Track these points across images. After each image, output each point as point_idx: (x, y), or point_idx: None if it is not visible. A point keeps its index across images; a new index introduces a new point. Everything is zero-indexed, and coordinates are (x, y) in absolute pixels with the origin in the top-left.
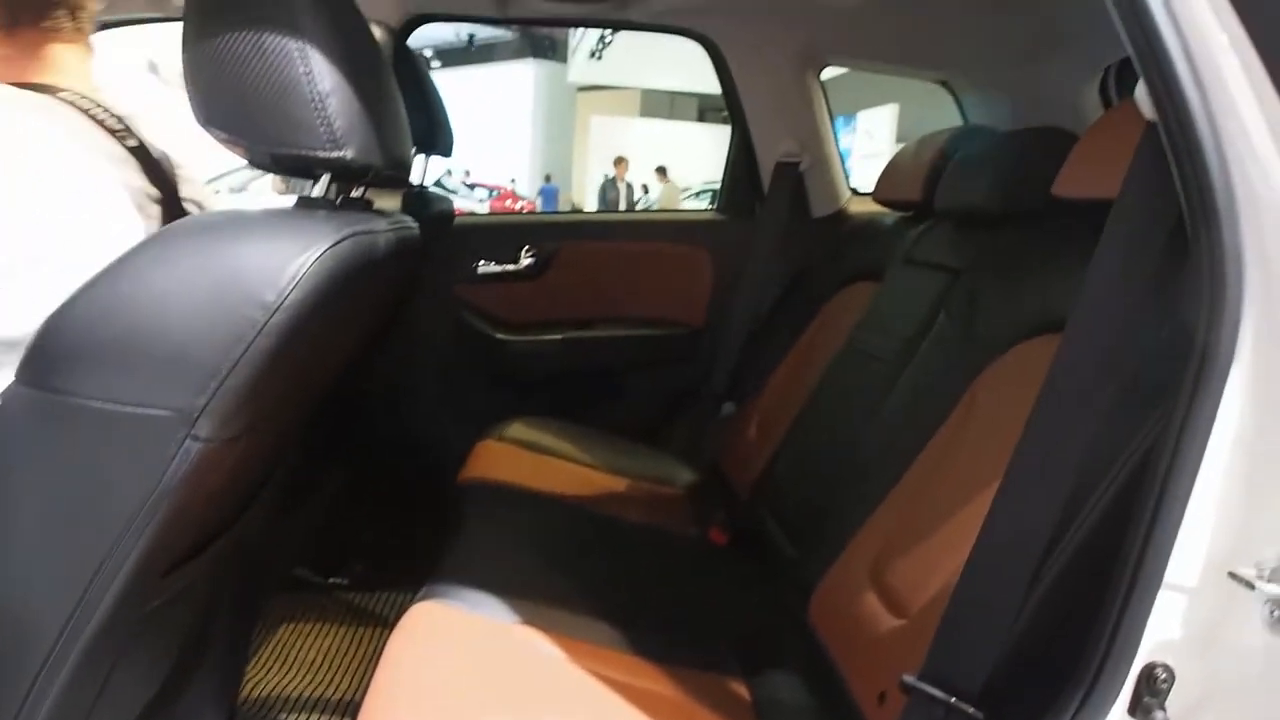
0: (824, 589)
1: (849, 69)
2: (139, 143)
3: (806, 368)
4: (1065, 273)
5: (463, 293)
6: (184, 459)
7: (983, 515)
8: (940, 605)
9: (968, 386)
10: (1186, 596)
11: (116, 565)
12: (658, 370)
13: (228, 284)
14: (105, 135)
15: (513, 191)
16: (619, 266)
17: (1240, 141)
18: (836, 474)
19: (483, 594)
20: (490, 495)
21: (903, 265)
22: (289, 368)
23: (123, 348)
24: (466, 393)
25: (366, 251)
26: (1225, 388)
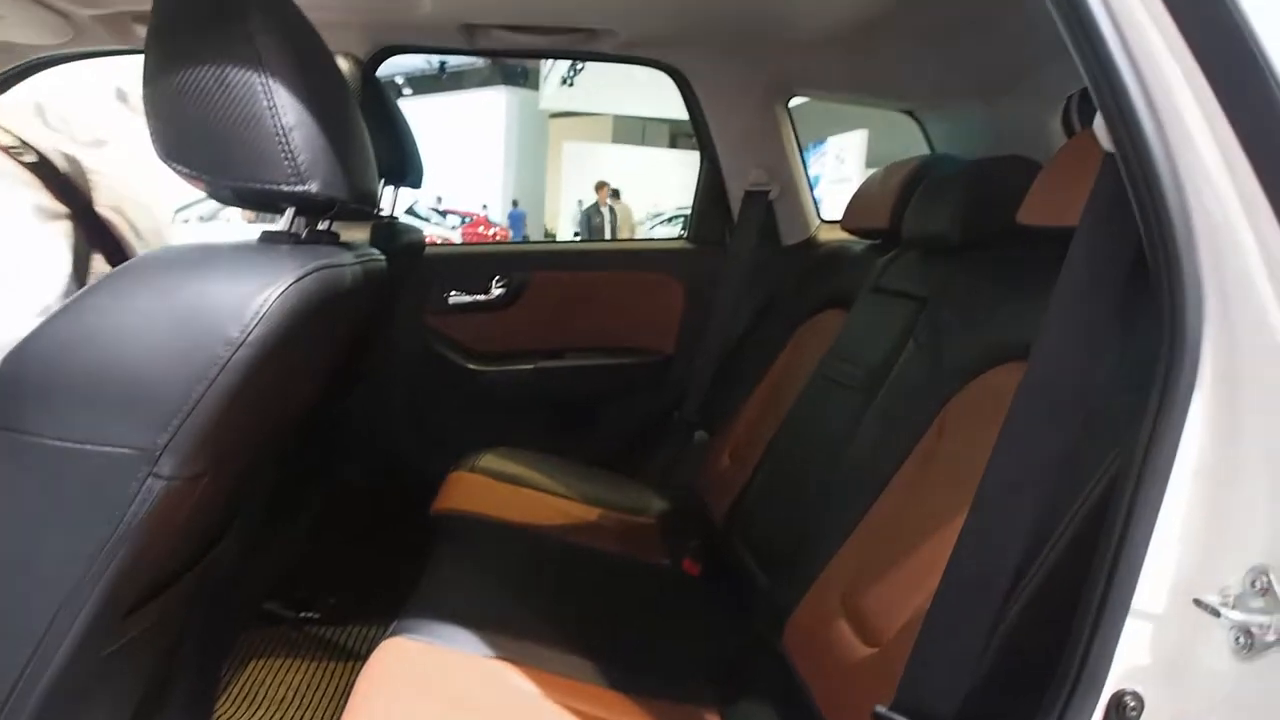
0: (797, 618)
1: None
2: (38, 157)
3: (778, 396)
4: (1030, 300)
5: (434, 323)
6: (146, 497)
7: (952, 541)
8: (912, 634)
9: (936, 414)
10: (1154, 624)
11: (76, 606)
12: (630, 399)
13: (191, 320)
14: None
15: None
16: (590, 296)
17: (1196, 172)
18: (809, 502)
19: (454, 628)
20: (463, 527)
21: (871, 293)
22: (254, 404)
23: (82, 385)
24: (439, 423)
25: (332, 285)
26: (1187, 416)
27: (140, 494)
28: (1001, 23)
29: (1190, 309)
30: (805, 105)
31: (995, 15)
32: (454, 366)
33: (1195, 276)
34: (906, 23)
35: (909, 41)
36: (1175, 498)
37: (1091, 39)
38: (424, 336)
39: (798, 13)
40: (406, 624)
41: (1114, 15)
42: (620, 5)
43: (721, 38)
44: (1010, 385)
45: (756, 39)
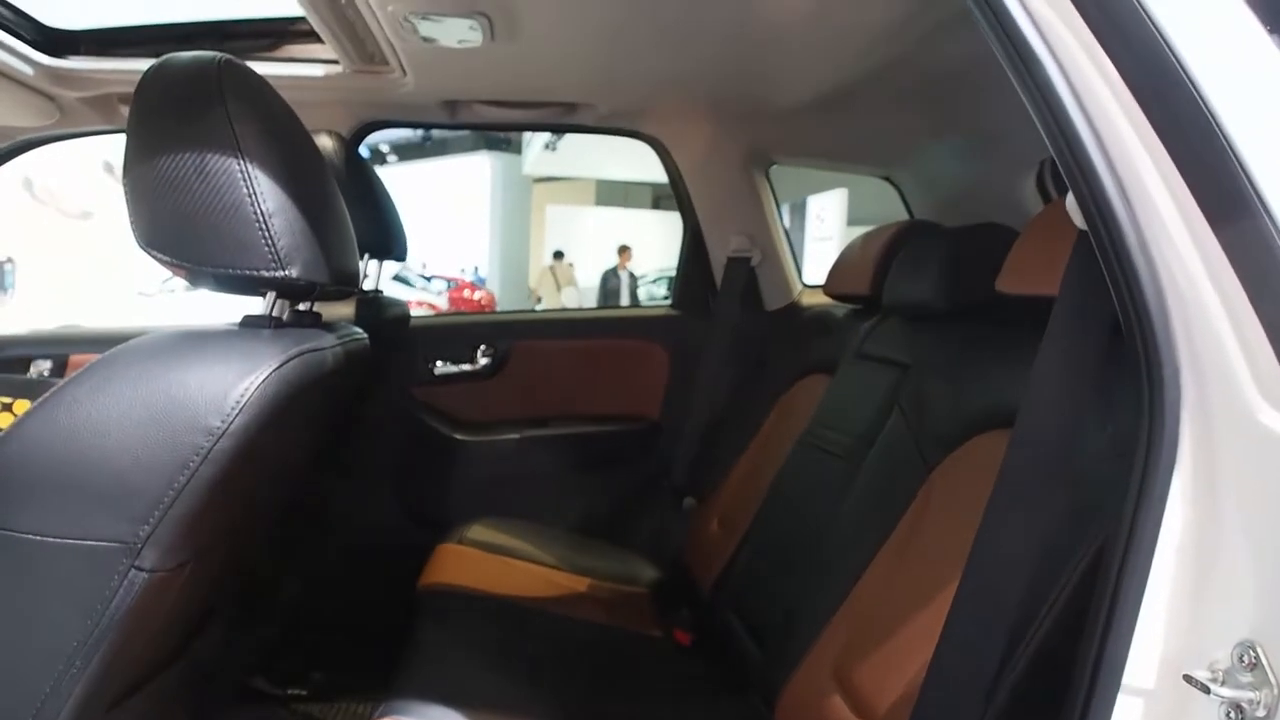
0: (790, 692)
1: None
2: None
3: (765, 462)
4: (1013, 367)
5: (419, 394)
6: (128, 590)
7: (943, 612)
8: (906, 707)
9: (923, 481)
10: (1145, 700)
11: (59, 701)
12: (617, 466)
13: (170, 411)
14: None
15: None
16: (575, 363)
17: (1167, 251)
18: (798, 571)
19: (442, 709)
20: (451, 601)
21: (854, 359)
22: (236, 491)
23: (62, 479)
24: (425, 495)
25: (314, 369)
26: (1169, 491)
27: (123, 587)
28: (976, 89)
29: (1168, 385)
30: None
31: (970, 82)
32: (440, 436)
33: (1171, 351)
34: (883, 90)
35: (885, 108)
36: (1161, 573)
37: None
38: (410, 407)
39: (775, 83)
40: (395, 705)
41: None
42: (599, 80)
43: (700, 108)
44: (996, 452)
45: (735, 109)
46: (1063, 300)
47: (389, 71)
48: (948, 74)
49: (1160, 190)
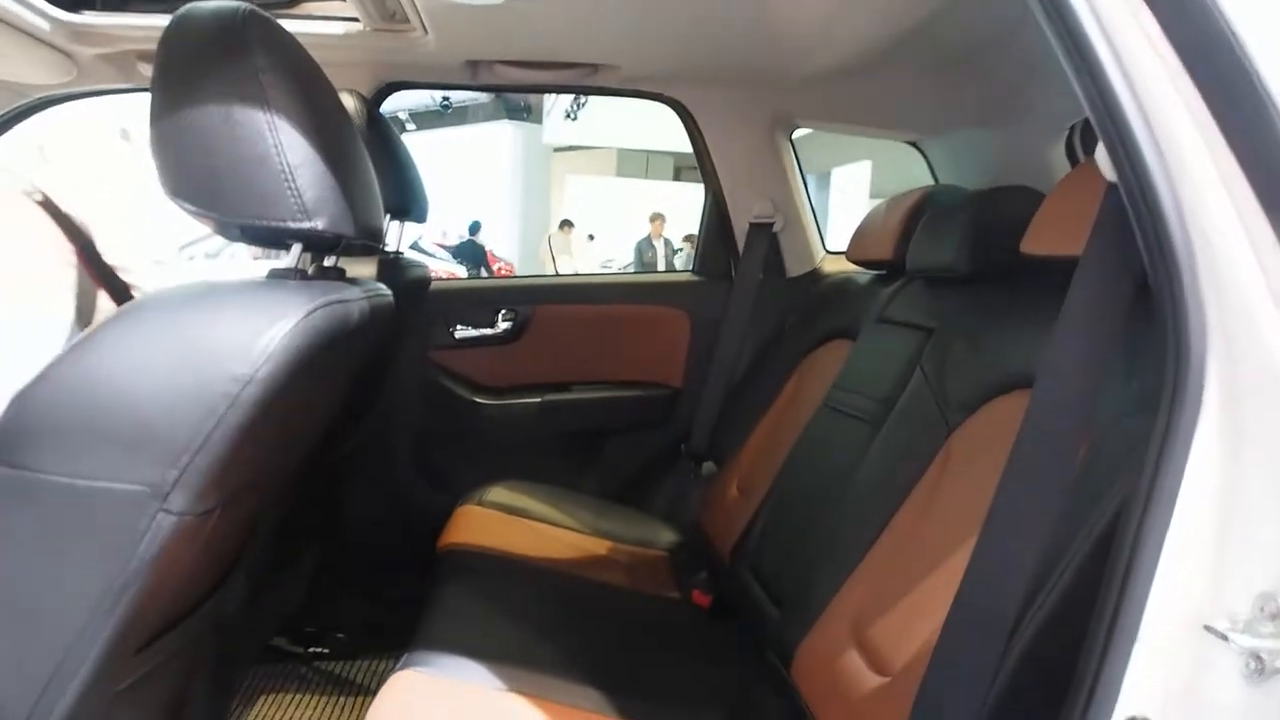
0: (806, 649)
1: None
2: (44, 198)
3: (785, 427)
4: (1035, 329)
5: (439, 358)
6: (156, 533)
7: (961, 570)
8: (922, 663)
9: (943, 443)
10: (1163, 650)
11: (88, 643)
12: (637, 431)
13: (199, 357)
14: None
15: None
16: (596, 329)
17: (1197, 200)
18: (816, 533)
19: (464, 660)
20: (471, 561)
21: (876, 324)
22: (262, 439)
23: (92, 423)
24: (445, 458)
25: (340, 321)
26: (1193, 442)
27: (151, 530)
28: (1004, 53)
29: (1194, 335)
30: (808, 137)
31: (997, 46)
32: (460, 400)
33: (1198, 302)
34: (908, 54)
35: (911, 73)
36: (1182, 523)
37: (1092, 69)
38: (430, 371)
39: (800, 46)
40: (416, 657)
41: (1114, 46)
42: (623, 40)
43: (724, 71)
44: (1016, 414)
45: (759, 72)
46: (1087, 257)
47: (410, 30)
48: (976, 38)
49: (1194, 139)
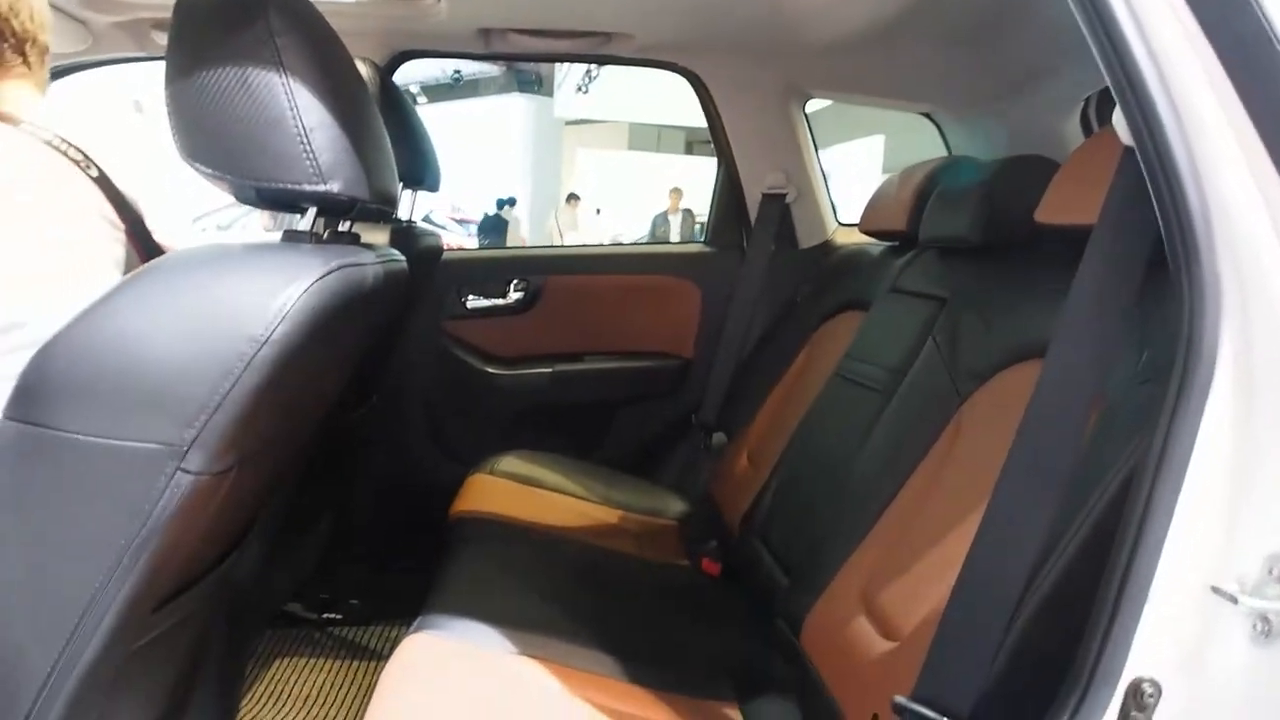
0: (815, 616)
1: (833, 102)
2: (100, 173)
3: (795, 397)
4: (1047, 299)
5: (451, 328)
6: (174, 492)
7: (970, 537)
8: (931, 627)
9: (954, 413)
10: (1171, 612)
11: (107, 600)
12: (648, 402)
13: (215, 318)
14: (69, 164)
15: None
16: (608, 299)
17: (1214, 164)
18: (826, 502)
19: (476, 624)
20: (482, 528)
21: (889, 294)
22: (278, 401)
23: (110, 381)
24: (457, 428)
25: (355, 284)
26: (1205, 407)
27: (168, 489)
28: (1019, 25)
29: (1209, 300)
30: (821, 111)
31: (1012, 17)
32: (471, 370)
33: (1213, 268)
34: (923, 25)
35: (926, 43)
36: (1193, 487)
37: (1110, 32)
38: (441, 341)
39: (814, 16)
40: (429, 621)
41: (1134, 9)
42: (636, 9)
43: (737, 41)
44: (1027, 384)
45: (773, 42)
46: (1102, 225)
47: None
48: (991, 8)
49: (1210, 103)
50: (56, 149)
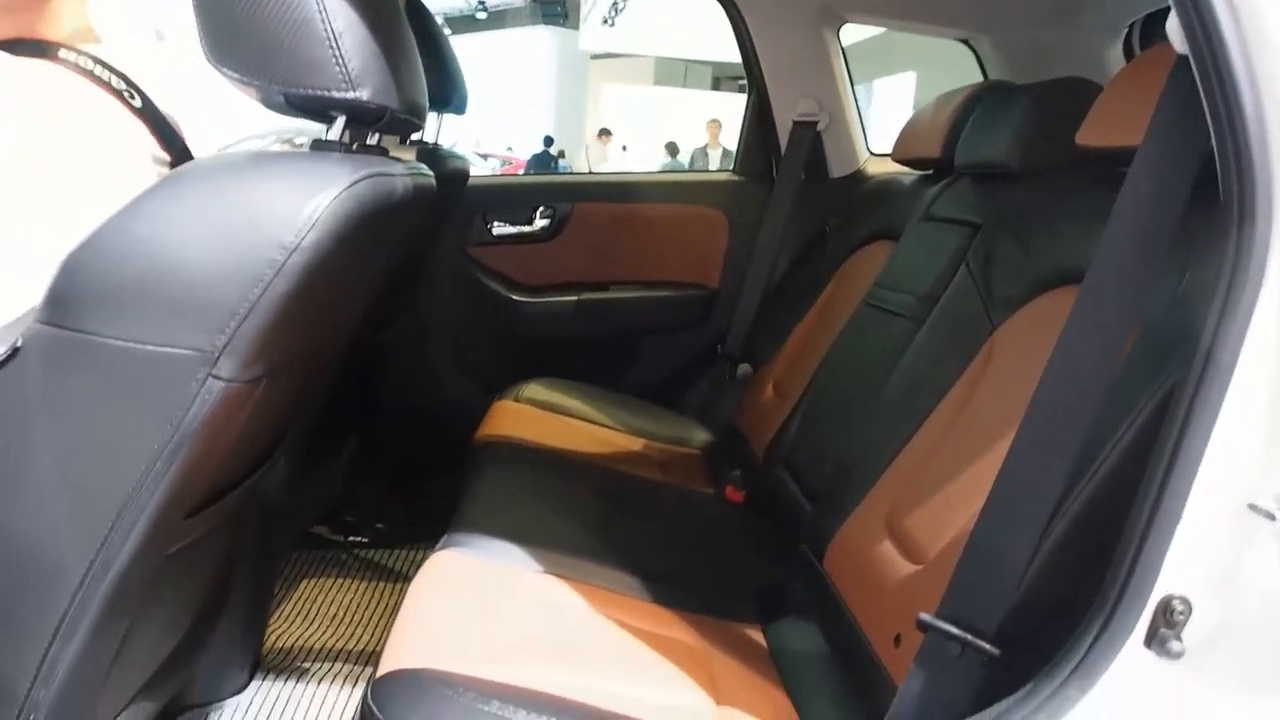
0: (840, 540)
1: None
2: (143, 103)
3: (823, 328)
4: (1086, 225)
5: (477, 254)
6: (205, 399)
7: (999, 462)
8: (957, 550)
9: (986, 339)
10: (1206, 529)
11: (140, 505)
12: (673, 332)
13: (245, 224)
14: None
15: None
16: (634, 228)
17: (1273, 72)
18: (853, 429)
19: (501, 543)
20: (507, 452)
21: (921, 223)
22: (308, 310)
23: (141, 286)
24: (481, 355)
25: (384, 194)
26: (1251, 322)
27: (200, 395)
28: None
29: (1259, 213)
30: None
31: None
32: (497, 297)
33: (1266, 176)
34: None
35: None
36: (1235, 404)
37: None
38: (467, 267)
39: None
40: (455, 539)
41: None
42: None
43: None
44: (1062, 310)
45: None
46: (1148, 144)
47: None
48: None
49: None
50: (98, 80)
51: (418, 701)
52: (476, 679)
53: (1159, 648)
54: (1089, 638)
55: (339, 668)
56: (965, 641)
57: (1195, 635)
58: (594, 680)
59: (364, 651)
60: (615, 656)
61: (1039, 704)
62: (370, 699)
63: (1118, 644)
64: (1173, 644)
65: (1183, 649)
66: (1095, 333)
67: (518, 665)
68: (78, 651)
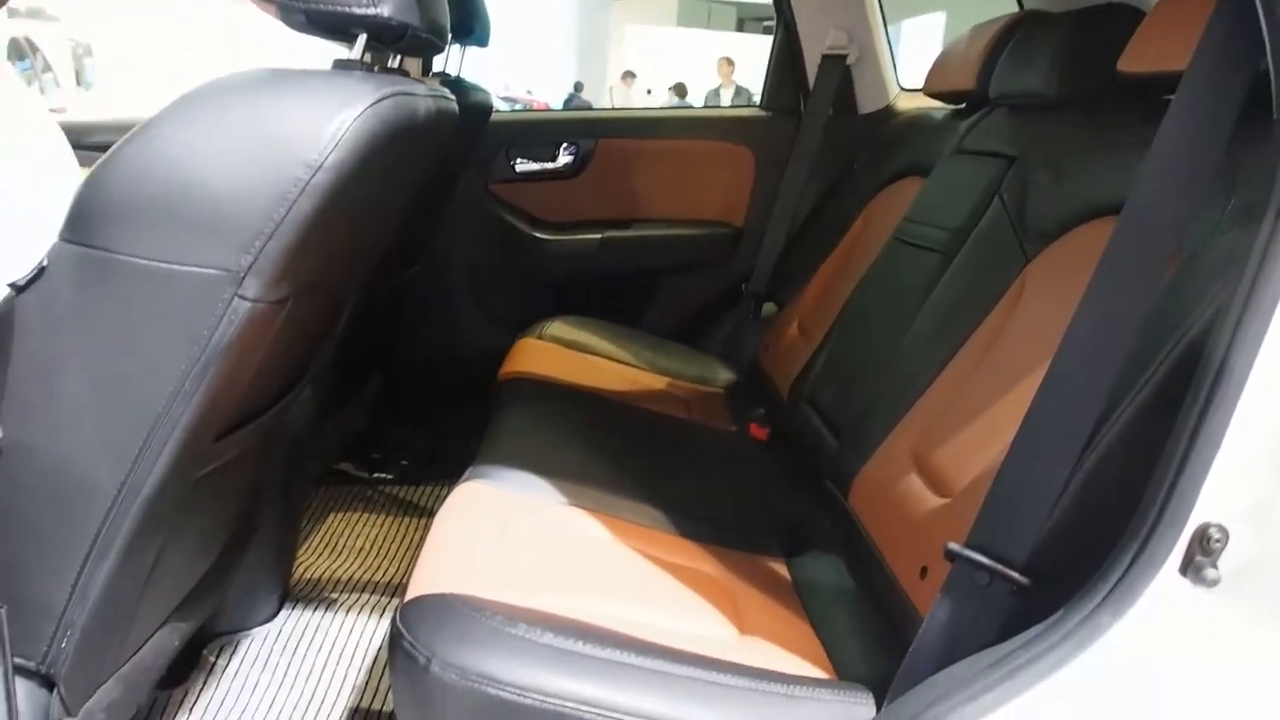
0: (865, 475)
1: None
2: None
3: (850, 265)
4: (1125, 155)
5: (499, 191)
6: (232, 319)
7: (1030, 395)
8: (986, 483)
9: (1020, 271)
10: (1246, 458)
11: (170, 425)
12: (697, 271)
13: (269, 142)
14: None
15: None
16: (659, 164)
17: None
18: (880, 364)
19: (527, 475)
20: (530, 389)
21: (953, 155)
22: (332, 231)
23: (164, 204)
24: (504, 292)
25: (407, 115)
26: None
27: (226, 315)
28: None
29: None
30: None
31: None
32: (520, 235)
33: None
34: None
35: None
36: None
37: None
38: (489, 204)
39: None
40: (480, 470)
41: None
42: None
43: None
44: (1099, 242)
45: None
46: (1195, 66)
47: None
48: None
49: None
50: None
51: (446, 624)
52: (503, 603)
53: (1194, 575)
54: (1122, 565)
55: (366, 599)
56: (994, 571)
57: (1231, 564)
58: (618, 608)
59: (390, 583)
60: (639, 586)
61: (1069, 630)
62: (399, 621)
63: (1152, 571)
64: (1208, 571)
65: (1218, 577)
66: (1134, 262)
67: (544, 592)
68: (111, 570)
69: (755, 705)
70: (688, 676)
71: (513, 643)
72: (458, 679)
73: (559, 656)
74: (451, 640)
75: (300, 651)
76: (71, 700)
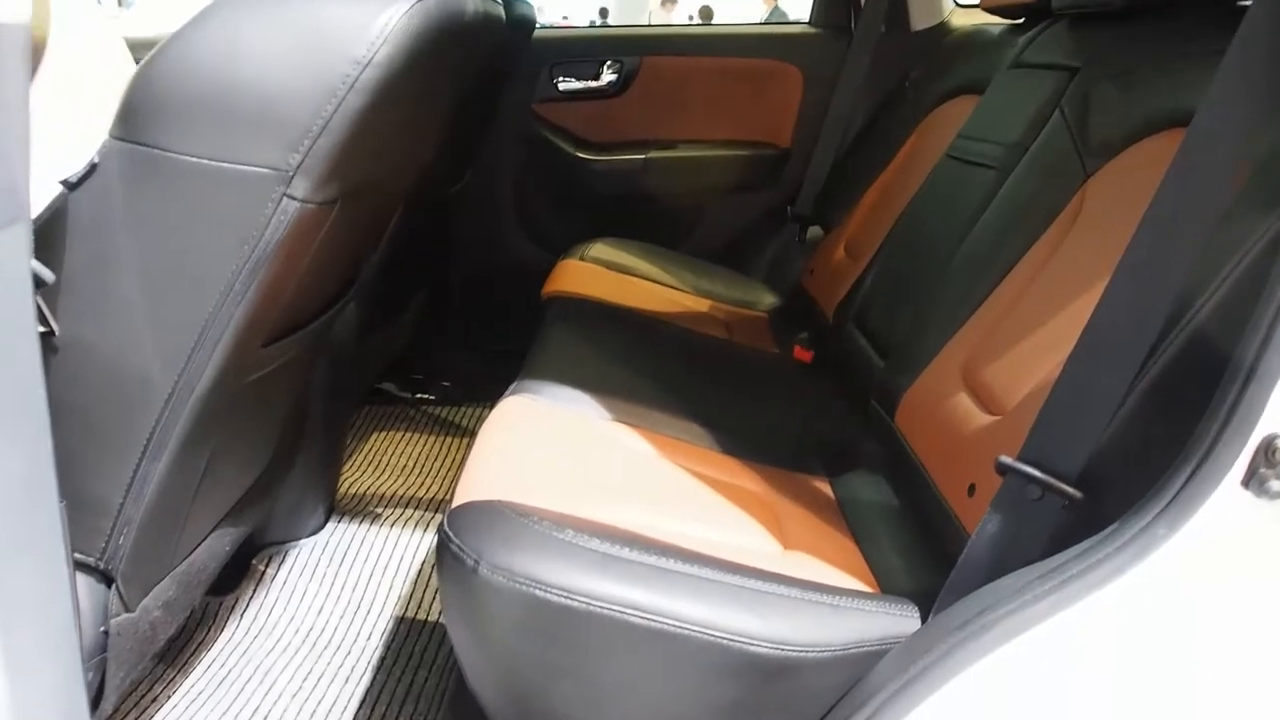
0: (913, 394)
1: None
2: None
3: (901, 185)
4: (1196, 62)
5: (542, 110)
6: (281, 219)
7: (1088, 312)
8: (1038, 399)
9: (1078, 188)
10: None
11: (221, 325)
12: (743, 193)
13: (316, 39)
14: None
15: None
16: (704, 83)
17: None
18: (930, 283)
19: (571, 391)
20: (573, 309)
21: (1011, 70)
22: (380, 131)
23: (215, 102)
24: (547, 213)
25: (454, 13)
26: None
27: (276, 215)
28: None
29: None
30: None
31: None
32: (562, 155)
33: None
34: None
35: None
36: None
37: None
38: (532, 124)
39: None
40: (525, 385)
41: None
42: None
43: None
44: (1165, 155)
45: None
46: None
47: None
48: None
49: None
50: None
51: (493, 528)
52: (549, 510)
53: (1257, 487)
54: (1182, 476)
55: (410, 513)
56: (1046, 484)
57: None
58: (663, 520)
59: (434, 499)
60: (683, 499)
61: (1123, 543)
62: (447, 526)
63: (1213, 482)
64: (1272, 483)
65: None
66: (1203, 173)
67: (589, 501)
68: (166, 468)
69: (802, 614)
70: (735, 585)
71: (560, 547)
72: (505, 581)
73: (606, 561)
74: (499, 543)
75: (347, 562)
76: (129, 596)
